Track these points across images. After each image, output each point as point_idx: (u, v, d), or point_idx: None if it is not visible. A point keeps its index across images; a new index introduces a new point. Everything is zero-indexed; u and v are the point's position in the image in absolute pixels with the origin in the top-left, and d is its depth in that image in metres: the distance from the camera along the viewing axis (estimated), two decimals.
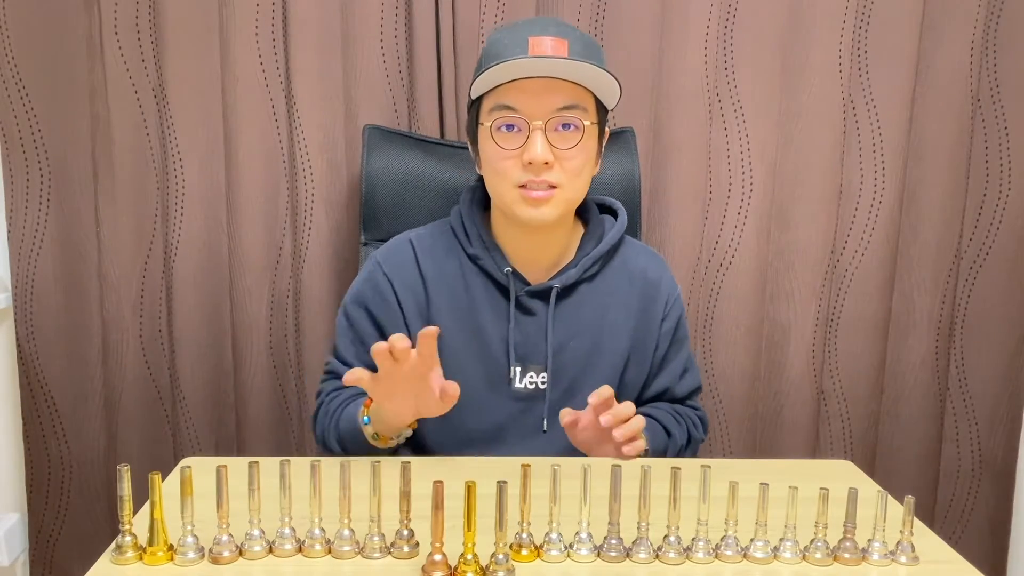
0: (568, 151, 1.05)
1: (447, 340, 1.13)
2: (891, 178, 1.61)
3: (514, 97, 1.04)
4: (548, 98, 1.04)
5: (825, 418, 1.70)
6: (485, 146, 1.09)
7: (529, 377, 1.14)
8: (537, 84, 1.04)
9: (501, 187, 1.08)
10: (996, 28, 1.59)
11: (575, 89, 1.06)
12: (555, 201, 1.07)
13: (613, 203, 1.22)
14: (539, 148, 1.03)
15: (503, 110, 1.05)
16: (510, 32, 1.07)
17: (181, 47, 1.49)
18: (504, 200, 1.09)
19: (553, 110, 1.04)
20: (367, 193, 1.40)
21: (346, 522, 0.74)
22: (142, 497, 0.73)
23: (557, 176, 1.05)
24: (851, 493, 0.75)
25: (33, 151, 1.51)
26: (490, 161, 1.08)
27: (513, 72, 1.03)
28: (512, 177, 1.06)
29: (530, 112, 1.04)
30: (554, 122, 1.04)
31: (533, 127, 1.04)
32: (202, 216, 1.55)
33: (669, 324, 1.20)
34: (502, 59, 1.02)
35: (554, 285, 1.12)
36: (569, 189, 1.07)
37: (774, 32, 1.54)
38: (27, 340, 1.56)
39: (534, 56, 1.02)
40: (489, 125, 1.06)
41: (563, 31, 1.05)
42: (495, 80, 1.05)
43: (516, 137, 1.05)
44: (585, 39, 1.08)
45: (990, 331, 1.69)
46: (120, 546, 0.73)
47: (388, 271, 1.16)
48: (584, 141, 1.06)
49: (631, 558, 0.75)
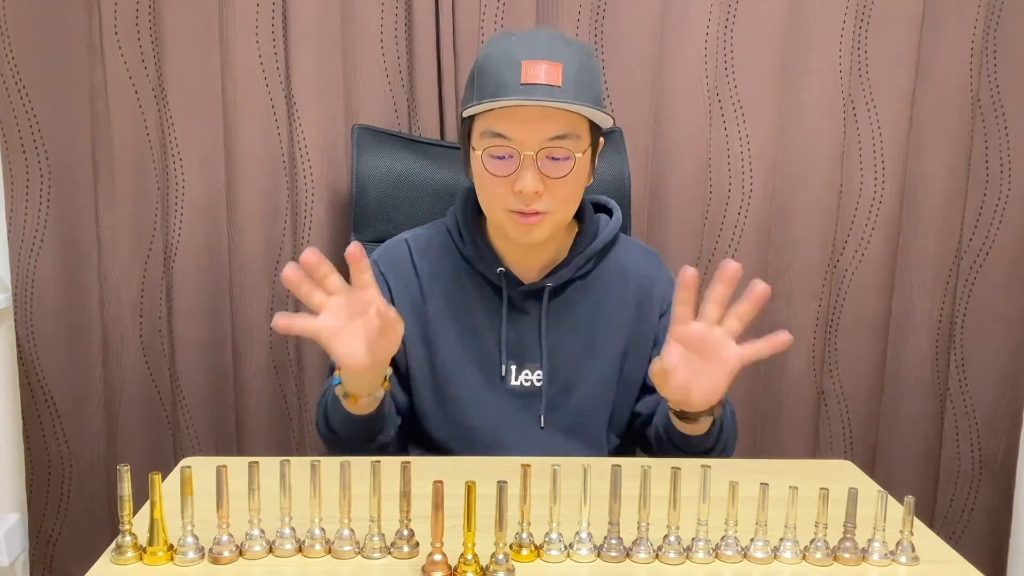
0: (559, 180, 1.04)
1: (443, 339, 1.13)
2: (891, 178, 1.61)
3: (506, 125, 1.03)
4: (540, 127, 1.02)
5: (825, 418, 1.70)
6: (476, 168, 1.08)
7: (525, 375, 1.14)
8: (530, 112, 1.02)
9: (492, 209, 1.09)
10: (996, 28, 1.59)
11: (568, 117, 1.03)
12: (545, 224, 1.06)
13: (608, 202, 1.22)
14: (529, 180, 1.02)
15: (494, 138, 1.03)
16: (504, 52, 1.04)
17: (181, 47, 1.49)
18: (495, 220, 1.10)
19: (545, 140, 1.02)
20: (357, 193, 1.39)
21: (346, 522, 0.74)
22: (142, 497, 0.73)
23: (547, 204, 1.04)
24: (851, 493, 0.75)
25: (33, 151, 1.51)
26: (481, 184, 1.08)
27: (505, 101, 1.02)
28: (502, 202, 1.06)
29: (521, 141, 1.02)
30: (545, 152, 1.03)
31: (524, 157, 1.02)
32: (202, 216, 1.55)
33: (668, 319, 1.20)
34: (494, 96, 1.01)
35: (546, 284, 1.13)
36: (560, 212, 1.07)
37: (774, 32, 1.54)
38: (27, 340, 1.56)
39: (526, 89, 1.00)
40: (480, 152, 1.05)
41: (557, 53, 1.02)
42: (487, 106, 1.03)
43: (507, 164, 1.04)
44: (580, 60, 1.04)
45: (990, 331, 1.69)
46: (120, 546, 0.73)
47: (385, 270, 1.16)
48: (576, 169, 1.05)
49: (631, 558, 0.75)
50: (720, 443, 1.08)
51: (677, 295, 0.92)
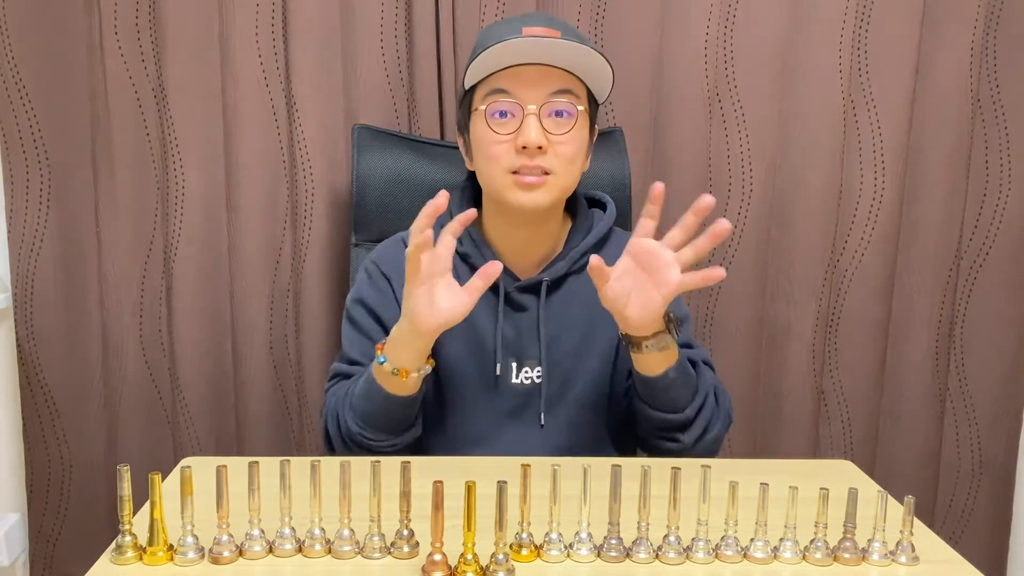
0: (562, 136, 1.06)
1: (443, 337, 1.13)
2: (891, 178, 1.61)
3: (508, 82, 1.05)
4: (542, 83, 1.05)
5: (825, 418, 1.70)
6: (478, 131, 1.09)
7: (524, 372, 1.14)
8: (531, 70, 1.05)
9: (493, 172, 1.08)
10: (996, 28, 1.59)
11: (568, 76, 1.07)
12: (548, 187, 1.07)
13: (602, 196, 1.23)
14: (533, 132, 1.04)
15: (497, 94, 1.06)
16: (503, 23, 1.10)
17: (181, 47, 1.49)
18: (496, 186, 1.09)
19: (547, 95, 1.05)
20: (358, 194, 1.39)
21: (346, 522, 0.74)
22: (142, 497, 0.73)
23: (551, 162, 1.06)
24: (851, 493, 0.75)
25: (33, 151, 1.51)
26: (483, 146, 1.08)
27: (507, 58, 1.04)
28: (505, 162, 1.06)
29: (524, 97, 1.05)
30: (548, 107, 1.05)
31: (527, 112, 1.04)
32: (202, 216, 1.55)
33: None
34: (497, 40, 1.03)
35: (543, 279, 1.13)
36: (562, 176, 1.07)
37: (774, 32, 1.54)
38: (27, 340, 1.56)
39: (526, 40, 1.03)
40: (484, 109, 1.07)
41: (554, 23, 1.08)
42: (489, 67, 1.06)
43: (510, 123, 1.06)
44: (576, 31, 1.10)
45: (990, 331, 1.69)
46: (120, 546, 0.73)
47: (386, 270, 1.16)
48: (577, 128, 1.07)
49: (631, 558, 0.75)
50: (693, 408, 1.06)
51: (644, 208, 0.97)
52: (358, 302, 1.17)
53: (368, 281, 1.17)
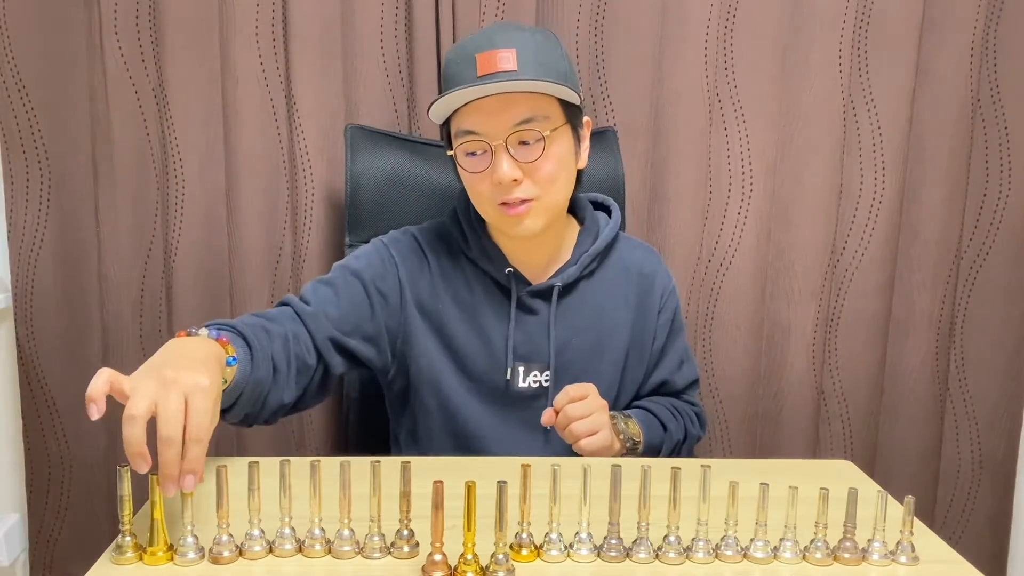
0: (534, 163, 1.03)
1: (455, 339, 1.13)
2: (891, 178, 1.61)
3: (472, 120, 1.03)
4: (505, 115, 1.02)
5: (825, 418, 1.70)
6: (459, 170, 1.09)
7: (533, 376, 1.14)
8: (491, 103, 1.01)
9: (481, 206, 1.09)
10: (996, 28, 1.59)
11: (532, 98, 1.02)
12: (534, 212, 1.06)
13: (606, 200, 1.23)
14: (504, 168, 1.02)
15: (465, 136, 1.04)
16: (460, 50, 1.05)
17: (181, 47, 1.49)
18: (488, 218, 1.10)
19: (511, 127, 1.02)
20: (352, 194, 1.39)
21: (346, 522, 0.74)
22: (142, 497, 0.73)
23: (529, 190, 1.04)
24: (851, 493, 0.75)
25: (33, 151, 1.51)
26: (466, 183, 1.09)
27: (464, 96, 1.02)
28: (488, 197, 1.06)
29: (489, 132, 1.02)
30: (514, 138, 1.02)
31: (495, 147, 1.02)
32: (202, 216, 1.55)
33: (666, 316, 1.21)
34: (448, 88, 1.02)
35: (555, 283, 1.13)
36: (547, 196, 1.06)
37: (774, 32, 1.54)
38: (27, 340, 1.56)
39: (481, 80, 1.00)
40: (456, 153, 1.07)
41: (509, 39, 1.02)
42: (449, 106, 1.04)
43: (482, 159, 1.04)
44: (536, 41, 1.04)
45: (990, 331, 1.69)
46: (120, 546, 0.73)
47: (396, 256, 1.14)
48: (550, 149, 1.03)
49: (631, 558, 0.75)
50: (667, 447, 1.17)
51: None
52: (356, 275, 1.11)
53: (377, 258, 1.13)
